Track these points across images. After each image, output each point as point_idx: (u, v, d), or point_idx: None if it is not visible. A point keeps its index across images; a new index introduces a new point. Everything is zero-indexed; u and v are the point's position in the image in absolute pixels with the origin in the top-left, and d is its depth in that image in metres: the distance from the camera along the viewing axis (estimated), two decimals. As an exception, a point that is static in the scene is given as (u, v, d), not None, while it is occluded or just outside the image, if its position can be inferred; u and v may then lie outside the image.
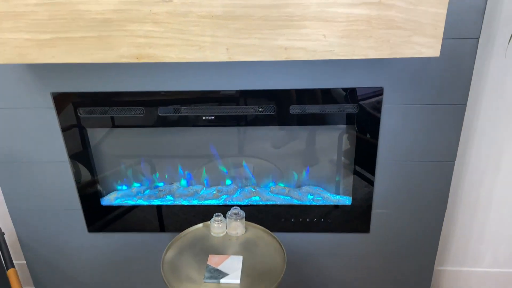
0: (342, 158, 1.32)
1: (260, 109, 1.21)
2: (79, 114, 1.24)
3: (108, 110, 1.23)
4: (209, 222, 1.31)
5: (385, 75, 1.14)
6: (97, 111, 1.23)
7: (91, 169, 1.34)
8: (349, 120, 1.21)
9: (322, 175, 1.36)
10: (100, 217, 1.41)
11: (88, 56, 0.95)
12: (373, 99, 1.17)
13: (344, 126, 1.26)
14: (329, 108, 1.20)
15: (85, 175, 1.34)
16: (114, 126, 1.26)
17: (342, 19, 0.88)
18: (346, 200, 1.35)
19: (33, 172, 1.34)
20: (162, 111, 1.22)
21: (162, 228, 1.42)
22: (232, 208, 1.27)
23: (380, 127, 1.21)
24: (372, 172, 1.28)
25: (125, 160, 1.38)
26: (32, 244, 1.48)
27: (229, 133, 1.31)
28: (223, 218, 1.27)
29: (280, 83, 1.17)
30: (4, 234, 1.34)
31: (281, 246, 1.21)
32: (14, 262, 1.63)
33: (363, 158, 1.27)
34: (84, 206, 1.39)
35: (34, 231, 1.46)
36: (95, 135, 1.31)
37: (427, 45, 0.90)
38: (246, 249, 1.21)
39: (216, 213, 1.27)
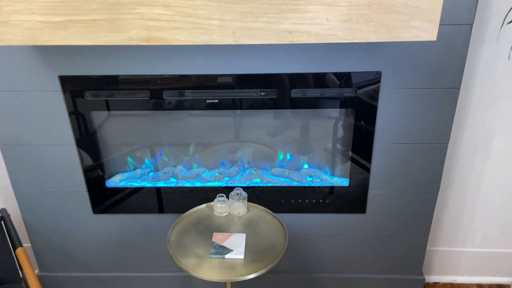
0: (340, 141, 1.37)
1: (262, 93, 1.25)
2: (85, 97, 1.27)
3: (114, 93, 1.26)
4: (212, 203, 1.35)
5: (383, 60, 1.19)
6: (103, 94, 1.26)
7: (97, 152, 1.37)
8: (348, 103, 1.26)
9: (321, 158, 1.41)
10: (105, 199, 1.45)
11: (99, 38, 0.98)
12: (371, 83, 1.22)
13: (343, 109, 1.31)
14: (329, 92, 1.24)
15: (91, 157, 1.38)
16: (119, 109, 1.29)
17: (344, 4, 0.92)
18: (344, 182, 1.41)
19: (39, 155, 1.37)
20: (167, 95, 1.26)
21: (165, 210, 1.46)
22: (234, 189, 1.31)
23: (377, 110, 1.26)
24: (369, 155, 1.33)
25: (130, 143, 1.41)
26: (37, 226, 1.51)
27: (233, 117, 1.35)
28: (226, 199, 1.31)
29: (281, 67, 1.21)
30: (10, 215, 1.37)
31: (281, 224, 1.25)
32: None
33: (361, 141, 1.32)
34: (89, 188, 1.43)
35: (39, 213, 1.49)
36: (101, 118, 1.34)
37: (424, 29, 0.94)
38: (249, 227, 1.25)
39: (220, 194, 1.31)
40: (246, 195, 1.31)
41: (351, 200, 1.42)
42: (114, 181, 1.44)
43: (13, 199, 1.58)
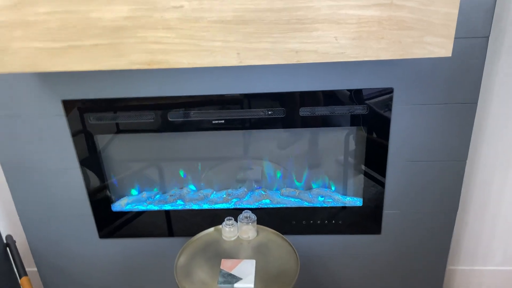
0: (353, 159, 1.32)
1: (269, 112, 1.21)
2: (89, 121, 1.25)
3: (117, 116, 1.24)
4: (220, 226, 1.31)
5: (395, 75, 1.14)
6: (106, 117, 1.24)
7: (102, 175, 1.34)
8: (359, 121, 1.21)
9: (333, 177, 1.36)
10: (111, 223, 1.42)
11: (100, 64, 0.96)
12: (383, 100, 1.17)
13: (354, 128, 1.26)
14: (339, 110, 1.20)
15: (96, 181, 1.35)
16: (123, 131, 1.26)
17: (353, 21, 0.88)
18: (357, 202, 1.35)
19: (44, 179, 1.35)
20: (172, 116, 1.23)
21: (172, 233, 1.42)
22: (243, 212, 1.27)
23: (390, 127, 1.21)
24: (383, 173, 1.28)
25: (135, 166, 1.38)
26: (43, 251, 1.49)
27: (239, 137, 1.31)
28: (234, 222, 1.27)
29: (289, 85, 1.17)
30: (15, 242, 1.34)
31: (293, 248, 1.21)
32: (25, 269, 1.63)
33: (374, 159, 1.27)
34: (95, 212, 1.40)
35: (45, 238, 1.46)
36: (105, 140, 1.32)
37: (439, 45, 0.90)
38: (259, 252, 1.21)
39: (228, 217, 1.27)
40: (255, 218, 1.26)
41: (366, 220, 1.37)
42: (120, 205, 1.40)
43: (19, 225, 1.56)
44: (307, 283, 1.50)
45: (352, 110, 1.20)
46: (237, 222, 1.27)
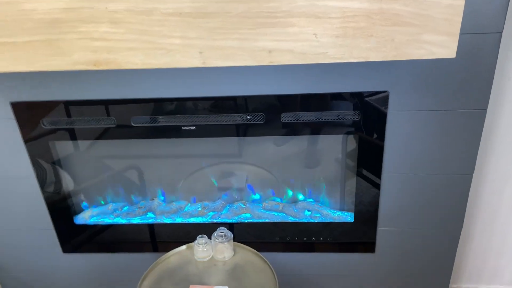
0: (343, 170, 1.18)
1: (248, 117, 1.08)
2: (43, 126, 1.11)
3: (75, 121, 1.10)
4: (192, 243, 1.18)
5: (391, 77, 1.00)
6: (62, 122, 1.11)
7: (61, 185, 1.22)
8: (350, 129, 1.07)
9: (321, 190, 1.23)
10: (74, 237, 1.30)
11: (38, 63, 0.82)
12: (376, 105, 1.03)
13: (344, 136, 1.12)
14: (326, 116, 1.06)
15: (55, 191, 1.22)
16: (83, 138, 1.13)
17: (336, 15, 0.74)
18: (348, 217, 1.22)
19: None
20: (135, 121, 1.09)
21: (142, 249, 1.30)
22: (218, 229, 1.14)
23: (385, 136, 1.07)
24: (377, 187, 1.15)
25: (100, 174, 1.25)
26: (6, 265, 1.37)
27: (215, 143, 1.18)
28: (208, 240, 1.14)
29: (269, 88, 1.03)
30: (-30, 256, 1.23)
31: (273, 273, 1.08)
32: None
33: (367, 170, 1.13)
34: (56, 226, 1.28)
35: (6, 251, 1.34)
36: (64, 147, 1.19)
37: (440, 44, 0.75)
38: (233, 277, 1.08)
39: (200, 235, 1.14)
40: (232, 236, 1.13)
41: (357, 237, 1.23)
42: (84, 218, 1.28)
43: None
44: (293, 305, 1.38)
45: (342, 117, 1.05)
46: (211, 239, 1.14)
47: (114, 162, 1.22)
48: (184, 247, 1.19)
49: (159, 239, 1.28)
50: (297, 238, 1.25)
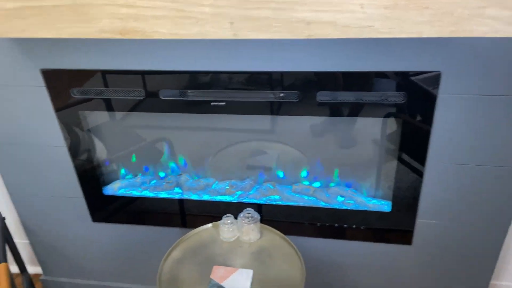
0: (383, 156, 1.11)
1: (281, 94, 1.02)
2: (72, 95, 1.11)
3: (104, 91, 1.09)
4: (218, 222, 1.16)
5: (444, 56, 0.90)
6: (92, 91, 1.09)
7: (91, 155, 1.22)
8: (394, 111, 0.99)
9: (357, 175, 1.16)
10: (104, 207, 1.31)
11: (64, 30, 0.79)
12: (427, 87, 0.94)
13: (387, 119, 1.04)
14: (368, 96, 0.98)
15: (85, 160, 1.23)
16: (111, 109, 1.12)
17: (386, -17, 0.66)
18: (385, 206, 1.15)
19: (31, 156, 1.24)
20: (164, 94, 1.06)
21: (167, 223, 1.29)
22: (245, 210, 1.11)
23: (433, 121, 0.98)
24: (420, 175, 1.06)
25: (129, 147, 1.24)
26: (37, 230, 1.42)
27: (245, 120, 1.13)
28: (234, 221, 1.11)
29: (305, 63, 0.96)
30: (4, 218, 1.27)
31: (300, 258, 1.04)
32: (20, 241, 1.59)
33: (410, 157, 1.05)
34: (86, 195, 1.29)
35: (38, 217, 1.38)
36: (94, 117, 1.18)
37: (506, 21, 0.65)
38: (258, 260, 1.05)
39: (226, 215, 1.11)
40: (259, 218, 1.10)
41: (393, 228, 1.17)
42: (113, 188, 1.29)
43: (9, 200, 1.49)
44: (319, 291, 1.35)
45: (385, 98, 0.97)
46: (237, 220, 1.11)
47: (143, 133, 1.21)
48: (209, 225, 1.17)
49: (184, 214, 1.27)
50: (327, 224, 1.20)
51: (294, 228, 1.23)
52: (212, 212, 1.25)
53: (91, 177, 1.26)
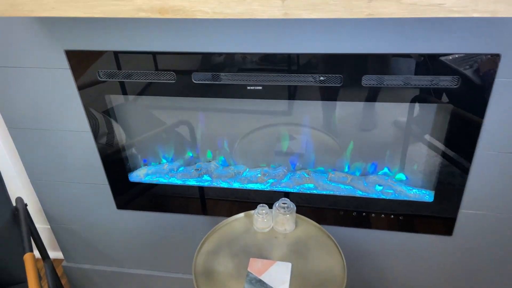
0: (427, 143, 1.05)
1: (321, 78, 0.96)
2: (99, 78, 1.05)
3: (132, 74, 1.03)
4: (251, 212, 1.12)
5: (506, 37, 0.83)
6: (120, 74, 1.04)
7: (117, 141, 1.18)
8: (445, 96, 0.93)
9: (397, 163, 1.11)
10: (129, 194, 1.28)
11: (97, 8, 0.74)
12: (482, 71, 0.87)
13: (434, 105, 0.98)
14: (417, 80, 0.92)
15: (111, 147, 1.19)
16: (140, 93, 1.07)
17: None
18: (426, 196, 1.10)
19: (54, 142, 1.21)
20: (197, 78, 1.00)
21: (195, 211, 1.26)
22: (280, 200, 1.06)
23: (487, 107, 0.92)
24: (467, 164, 1.01)
25: (156, 132, 1.20)
26: (58, 217, 1.39)
27: (280, 104, 1.08)
28: (269, 211, 1.07)
29: (349, 45, 0.90)
30: (27, 205, 1.24)
31: (339, 251, 1.00)
32: (41, 226, 1.58)
33: (458, 146, 1.00)
34: (111, 182, 1.26)
35: (59, 204, 1.36)
36: (122, 102, 1.13)
37: None
38: (296, 252, 1.01)
39: (261, 204, 1.07)
40: (295, 208, 1.06)
41: (434, 218, 1.12)
42: (139, 175, 1.25)
43: (30, 186, 1.47)
44: (354, 283, 1.31)
45: (437, 82, 0.91)
46: (272, 210, 1.07)
47: (174, 120, 1.16)
48: (242, 214, 1.13)
49: (214, 203, 1.23)
50: (364, 214, 1.16)
51: (327, 217, 1.19)
52: (243, 200, 1.21)
53: (116, 163, 1.22)
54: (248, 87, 0.99)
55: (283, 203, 1.06)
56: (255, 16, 0.70)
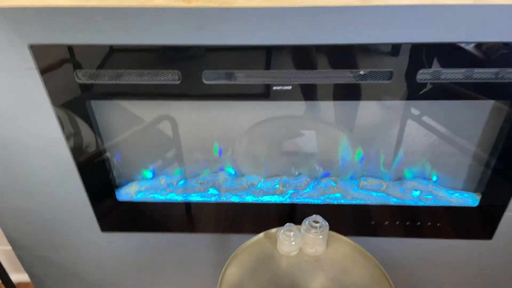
0: (477, 143, 0.94)
1: (360, 73, 0.80)
2: (77, 79, 0.84)
3: (122, 74, 0.83)
4: (272, 231, 0.97)
5: None
6: (105, 74, 0.83)
7: (100, 153, 0.97)
8: (505, 92, 0.81)
9: (437, 164, 0.99)
10: (116, 215, 1.08)
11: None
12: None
13: (491, 102, 0.86)
14: (480, 74, 0.78)
15: (92, 161, 0.98)
16: (132, 98, 0.87)
17: None
18: (470, 200, 1.00)
19: (24, 157, 0.98)
20: (208, 77, 0.82)
21: (201, 229, 1.09)
22: (310, 218, 0.92)
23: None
24: (520, 165, 0.91)
25: (150, 140, 1.01)
26: (26, 241, 1.17)
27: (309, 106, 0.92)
28: (297, 232, 0.93)
29: (402, 34, 0.75)
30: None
31: (384, 274, 0.88)
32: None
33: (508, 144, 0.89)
34: (94, 203, 1.05)
35: (28, 224, 1.13)
36: (106, 106, 0.92)
37: None
38: (334, 279, 0.88)
39: (288, 224, 0.92)
40: (328, 226, 0.92)
41: (475, 223, 1.03)
42: (129, 193, 1.05)
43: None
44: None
45: (503, 76, 0.78)
46: (301, 229, 0.93)
47: (173, 125, 0.97)
48: (261, 235, 0.97)
49: (224, 222, 1.07)
50: (397, 222, 1.04)
51: (358, 229, 1.06)
52: (258, 215, 1.06)
53: (100, 179, 1.02)
54: (274, 87, 0.82)
55: (314, 221, 0.92)
56: (318, 3, 0.52)
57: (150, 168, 1.05)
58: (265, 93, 0.83)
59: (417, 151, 0.98)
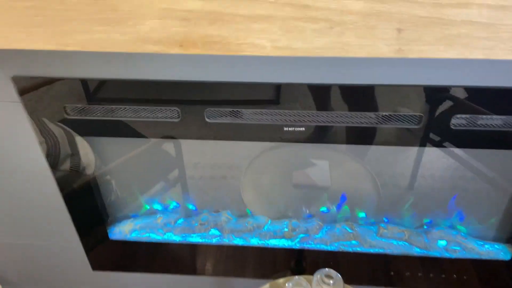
0: (505, 190, 0.84)
1: (383, 115, 0.71)
2: (66, 115, 0.76)
3: (116, 110, 0.75)
4: (279, 281, 0.88)
5: None
6: (97, 110, 0.75)
7: (91, 189, 0.89)
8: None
9: (472, 214, 0.90)
10: (109, 253, 1.00)
11: (78, 36, 0.45)
12: None
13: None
14: (521, 120, 0.69)
15: (83, 196, 0.90)
16: (126, 135, 0.78)
17: None
18: (502, 252, 0.90)
19: (8, 191, 0.90)
20: (211, 115, 0.73)
21: (200, 271, 1.01)
22: (322, 270, 0.83)
23: None
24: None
25: (146, 176, 0.92)
26: (10, 278, 1.10)
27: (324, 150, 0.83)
28: (307, 285, 0.84)
29: (434, 76, 0.66)
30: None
31: None
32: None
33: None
34: (84, 241, 0.97)
35: (15, 261, 1.06)
36: (98, 141, 0.84)
37: None
38: None
39: (296, 277, 0.83)
40: (341, 280, 0.83)
41: (506, 276, 0.93)
42: (123, 232, 0.97)
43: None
44: None
45: (549, 123, 0.69)
46: (312, 283, 0.84)
47: (170, 161, 0.89)
48: (266, 286, 0.88)
49: (226, 266, 0.98)
50: (419, 274, 0.94)
51: (374, 278, 0.97)
52: (261, 261, 0.97)
53: (91, 217, 0.94)
54: (286, 128, 0.73)
55: (326, 275, 0.83)
56: (346, 54, 0.43)
57: (146, 205, 0.97)
58: (277, 135, 0.74)
59: (445, 198, 0.89)
